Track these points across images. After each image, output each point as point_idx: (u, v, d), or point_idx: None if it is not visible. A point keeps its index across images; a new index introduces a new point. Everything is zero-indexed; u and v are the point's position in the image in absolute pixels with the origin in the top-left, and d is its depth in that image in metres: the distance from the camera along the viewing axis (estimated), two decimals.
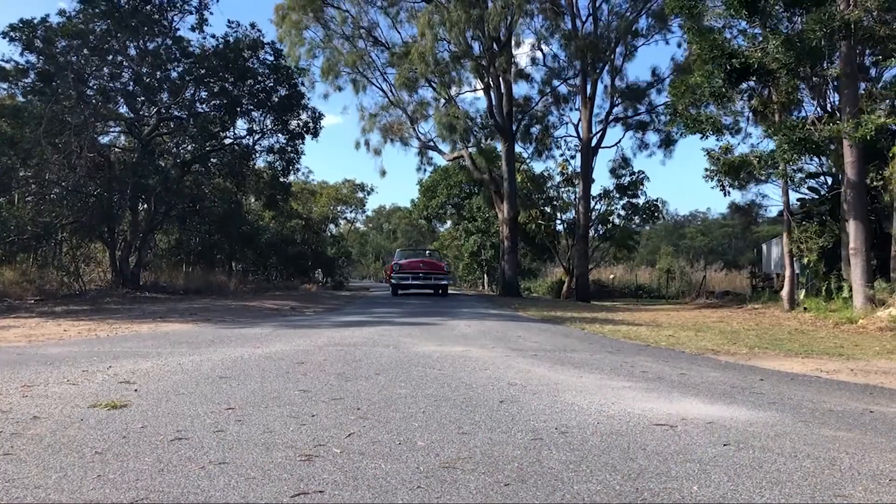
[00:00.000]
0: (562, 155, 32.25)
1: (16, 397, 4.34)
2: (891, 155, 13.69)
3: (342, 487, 2.64)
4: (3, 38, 17.38)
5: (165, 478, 2.72)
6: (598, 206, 31.79)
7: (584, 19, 27.31)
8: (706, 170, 16.47)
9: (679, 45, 25.10)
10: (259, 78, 21.98)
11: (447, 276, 22.90)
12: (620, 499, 2.58)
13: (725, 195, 19.82)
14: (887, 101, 14.84)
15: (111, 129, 21.95)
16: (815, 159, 18.57)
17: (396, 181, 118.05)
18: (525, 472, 2.90)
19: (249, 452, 3.11)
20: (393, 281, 22.72)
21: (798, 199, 20.48)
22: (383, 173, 38.19)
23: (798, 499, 2.62)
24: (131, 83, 19.87)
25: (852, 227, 14.21)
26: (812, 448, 3.43)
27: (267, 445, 3.24)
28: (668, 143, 29.14)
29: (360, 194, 56.64)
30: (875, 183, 14.48)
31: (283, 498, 2.51)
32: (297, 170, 25.83)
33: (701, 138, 15.56)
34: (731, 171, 15.71)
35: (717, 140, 16.44)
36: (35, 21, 17.75)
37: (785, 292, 17.03)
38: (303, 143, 23.90)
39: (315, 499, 2.51)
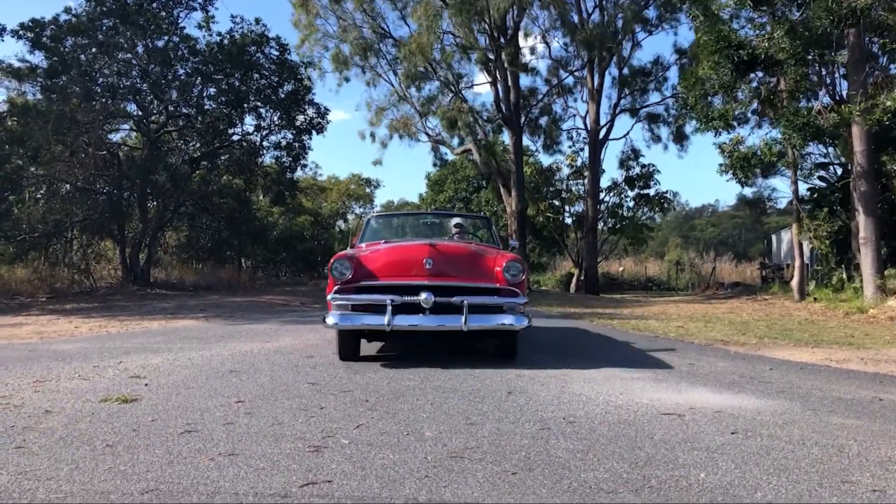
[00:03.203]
0: (570, 147, 32.13)
1: (28, 392, 4.39)
2: None
3: (350, 477, 2.66)
4: (13, 36, 17.54)
5: (175, 469, 2.75)
6: (608, 199, 31.70)
7: (590, 10, 27.20)
8: (720, 165, 16.37)
9: (691, 30, 24.68)
10: (265, 73, 22.04)
11: (519, 297, 5.79)
12: (627, 486, 2.58)
13: (742, 188, 19.66)
14: None
15: (120, 127, 22.08)
16: (824, 148, 18.45)
17: (404, 175, 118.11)
18: (532, 461, 2.91)
19: (258, 444, 3.14)
20: (330, 318, 5.48)
21: (808, 189, 20.37)
22: (378, 162, 38.87)
23: (805, 485, 2.62)
24: (139, 81, 19.95)
25: (862, 217, 14.11)
26: (820, 436, 3.42)
27: (276, 437, 3.27)
28: (680, 138, 28.94)
29: (369, 189, 56.55)
30: (887, 167, 14.35)
31: (292, 487, 2.53)
32: (305, 165, 25.82)
33: (715, 135, 15.43)
34: (744, 163, 15.58)
35: (728, 133, 16.31)
36: (45, 21, 17.90)
37: (795, 283, 16.93)
38: (310, 139, 24.04)
39: (323, 488, 2.53)
